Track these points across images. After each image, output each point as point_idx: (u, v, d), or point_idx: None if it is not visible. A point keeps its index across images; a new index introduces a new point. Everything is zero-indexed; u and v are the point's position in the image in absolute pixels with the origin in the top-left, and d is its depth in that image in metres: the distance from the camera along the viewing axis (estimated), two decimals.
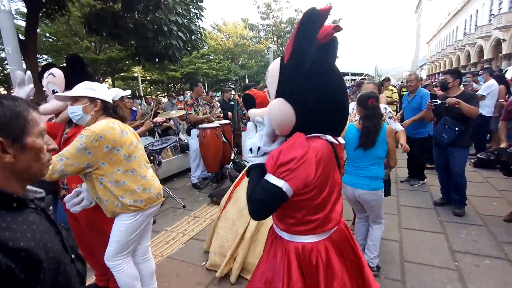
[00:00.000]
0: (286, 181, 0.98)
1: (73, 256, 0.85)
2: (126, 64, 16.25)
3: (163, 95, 22.63)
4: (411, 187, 4.36)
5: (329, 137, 1.08)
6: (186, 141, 5.30)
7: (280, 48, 17.47)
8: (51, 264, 0.71)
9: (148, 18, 5.45)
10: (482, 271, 2.37)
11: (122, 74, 18.22)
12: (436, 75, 36.98)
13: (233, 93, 8.48)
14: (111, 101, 1.80)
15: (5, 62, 12.82)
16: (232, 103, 6.42)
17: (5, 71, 13.15)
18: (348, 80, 29.29)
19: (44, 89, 2.06)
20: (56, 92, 1.95)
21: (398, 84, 12.63)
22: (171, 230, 3.45)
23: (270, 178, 1.00)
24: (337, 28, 1.06)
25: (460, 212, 3.34)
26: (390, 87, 6.91)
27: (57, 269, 0.73)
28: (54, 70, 1.99)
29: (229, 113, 6.09)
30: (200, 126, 4.45)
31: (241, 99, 7.14)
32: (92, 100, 1.70)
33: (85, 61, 8.76)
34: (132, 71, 18.23)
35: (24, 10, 5.78)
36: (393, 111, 4.52)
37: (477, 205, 3.60)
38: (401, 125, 4.11)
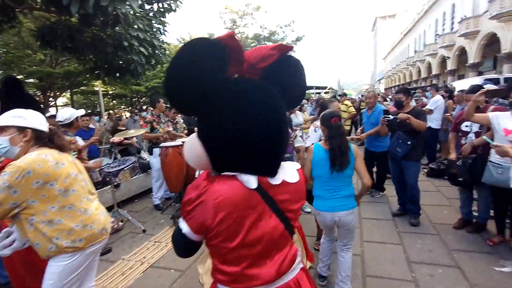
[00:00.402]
0: (186, 222, 0.92)
1: None
2: (86, 77, 15.48)
3: (127, 109, 21.78)
4: (372, 198, 4.52)
5: (247, 178, 0.89)
6: (148, 160, 5.08)
7: None
8: None
9: (107, 33, 5.24)
10: (436, 280, 2.48)
11: (81, 88, 17.31)
12: (392, 89, 39.67)
13: None
14: (46, 129, 1.62)
15: None
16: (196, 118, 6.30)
17: None
18: (314, 93, 30.55)
19: None
20: None
21: (359, 97, 13.35)
22: (129, 259, 3.22)
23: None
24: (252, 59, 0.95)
25: (416, 222, 3.51)
26: (346, 102, 7.39)
27: None
28: None
29: (195, 129, 5.96)
30: (162, 144, 4.30)
31: None
32: (21, 129, 1.52)
33: (39, 74, 8.16)
34: (92, 85, 17.38)
35: None
36: (348, 124, 4.76)
37: (430, 214, 3.82)
38: (359, 137, 4.31)
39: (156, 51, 6.72)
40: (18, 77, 13.27)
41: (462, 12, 21.39)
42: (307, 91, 29.91)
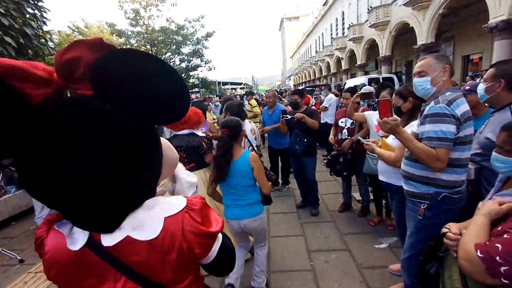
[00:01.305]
0: None
1: None
2: None
3: None
4: (279, 192, 4.78)
5: (71, 236, 0.73)
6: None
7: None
8: None
9: None
10: (330, 266, 2.75)
11: None
12: (301, 85, 43.30)
13: None
14: None
15: None
16: None
17: None
18: (229, 89, 30.81)
19: None
20: None
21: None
22: None
23: None
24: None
25: (315, 212, 3.85)
26: (252, 101, 7.53)
27: None
28: None
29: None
30: None
31: None
32: None
33: None
34: None
35: None
36: (254, 123, 4.90)
37: (328, 202, 4.25)
38: (262, 131, 4.43)
39: (34, 42, 5.61)
40: None
41: (349, 19, 24.69)
42: (223, 87, 29.93)
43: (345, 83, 12.55)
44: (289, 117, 3.78)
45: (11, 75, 0.61)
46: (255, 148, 3.35)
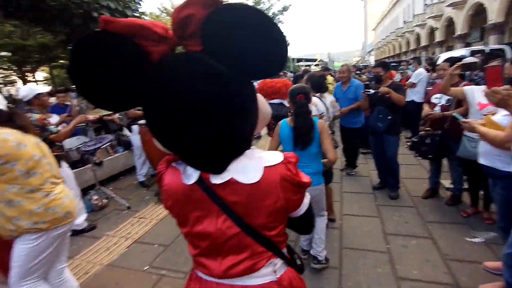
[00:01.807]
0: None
1: None
2: (64, 51, 14.66)
3: None
4: (354, 172, 4.58)
5: (186, 172, 0.84)
6: (129, 137, 4.95)
7: None
8: None
9: (75, 2, 4.85)
10: (409, 251, 2.58)
11: (61, 61, 16.42)
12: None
13: None
14: (4, 108, 1.56)
15: None
16: None
17: None
18: (303, 66, 29.97)
19: None
20: None
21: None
22: (113, 235, 3.24)
23: None
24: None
25: (394, 195, 3.60)
26: (328, 77, 7.01)
27: None
28: None
29: None
30: (140, 122, 4.17)
31: None
32: None
33: (10, 47, 7.69)
34: None
35: None
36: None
37: (409, 187, 3.92)
38: (340, 111, 4.12)
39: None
40: None
41: None
42: (297, 64, 29.21)
43: (438, 57, 10.88)
44: (372, 91, 3.50)
45: (138, 34, 0.71)
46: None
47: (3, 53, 11.90)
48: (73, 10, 4.83)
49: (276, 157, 0.83)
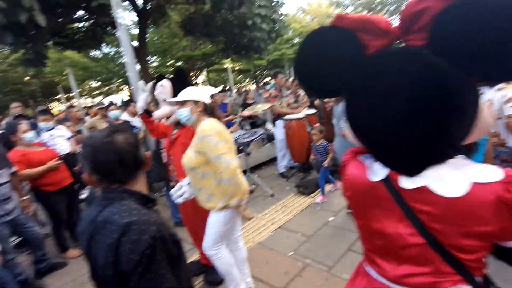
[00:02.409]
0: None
1: None
2: (218, 57, 17.51)
3: (252, 82, 23.68)
4: None
5: (372, 167, 0.83)
6: (272, 131, 5.43)
7: None
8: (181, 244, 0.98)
9: (234, 15, 5.70)
10: None
11: (215, 66, 19.73)
12: None
13: None
14: (208, 101, 1.97)
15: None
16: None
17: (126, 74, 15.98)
18: None
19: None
20: (165, 99, 2.27)
21: None
22: (261, 218, 3.64)
23: None
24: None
25: None
26: None
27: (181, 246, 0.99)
28: (164, 82, 2.33)
29: (316, 101, 5.90)
30: (285, 117, 4.48)
31: None
32: (196, 102, 1.91)
33: (184, 58, 9.82)
34: (222, 63, 19.53)
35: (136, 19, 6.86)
36: None
37: None
38: None
39: (276, 25, 6.83)
40: (170, 62, 16.34)
41: None
42: None
43: None
44: None
45: (360, 28, 0.75)
46: None
47: (179, 63, 15.36)
48: (233, 22, 5.71)
49: (491, 173, 0.69)
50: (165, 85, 2.32)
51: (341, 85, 0.80)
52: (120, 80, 16.88)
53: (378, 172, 0.81)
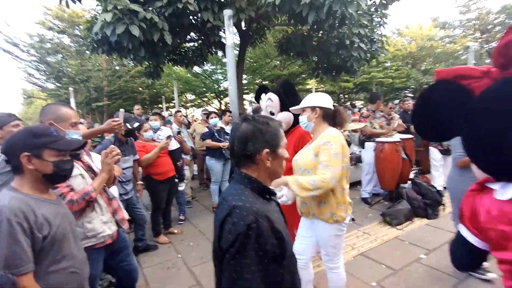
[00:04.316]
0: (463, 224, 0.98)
1: None
2: (303, 78, 17.81)
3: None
4: None
5: (500, 187, 0.84)
6: (358, 153, 5.20)
7: (485, 46, 13.68)
8: (288, 242, 1.00)
9: (332, 35, 5.77)
10: None
11: (299, 87, 20.14)
12: None
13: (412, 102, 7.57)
14: (331, 107, 1.93)
15: (221, 82, 17.19)
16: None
17: (219, 88, 17.58)
18: None
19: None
20: (273, 113, 2.36)
21: None
22: None
23: None
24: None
25: None
26: None
27: (288, 244, 1.01)
28: (272, 96, 2.37)
29: (411, 126, 5.45)
30: (378, 139, 4.25)
31: None
32: (313, 108, 1.92)
33: (272, 77, 10.40)
34: (306, 83, 19.74)
35: (237, 41, 7.58)
36: None
37: None
38: None
39: (373, 46, 6.62)
40: (258, 80, 17.43)
41: None
42: None
43: None
44: None
45: (459, 76, 0.89)
46: None
47: (266, 82, 16.23)
48: (330, 41, 5.79)
49: None
50: (273, 99, 2.36)
51: (456, 126, 0.89)
52: (212, 94, 18.69)
53: (507, 192, 0.81)
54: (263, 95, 2.50)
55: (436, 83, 0.95)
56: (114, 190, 2.28)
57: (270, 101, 2.37)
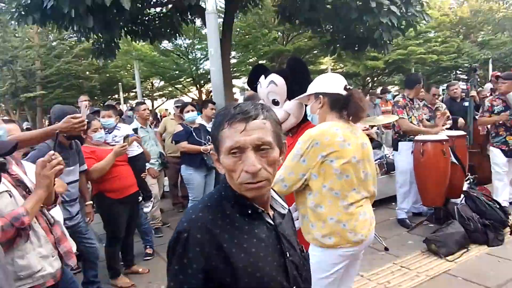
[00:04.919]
0: None
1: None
2: (314, 54, 17.88)
3: (360, 90, 23.41)
4: None
5: None
6: (391, 157, 5.26)
7: None
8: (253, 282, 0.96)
9: None
10: None
11: (310, 67, 20.25)
12: None
13: (464, 87, 7.64)
14: (340, 92, 1.93)
15: (200, 62, 17.19)
16: (465, 103, 5.82)
17: (198, 71, 17.57)
18: None
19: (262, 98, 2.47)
20: (277, 101, 2.32)
21: None
22: (369, 278, 3.53)
23: None
24: None
25: None
26: None
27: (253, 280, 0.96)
28: (276, 79, 2.30)
29: (460, 119, 5.53)
30: (417, 138, 4.30)
31: (478, 97, 6.29)
32: (316, 96, 1.96)
33: (271, 54, 10.49)
34: (320, 62, 19.81)
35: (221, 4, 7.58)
36: None
37: None
38: None
39: (410, 10, 6.66)
40: (253, 59, 17.40)
41: None
42: None
43: None
44: None
45: None
46: None
47: (263, 61, 16.29)
48: (350, 4, 5.82)
49: None
50: (278, 82, 2.28)
51: None
52: (189, 79, 18.69)
53: None
54: (261, 78, 2.45)
55: None
56: (57, 213, 2.27)
57: (273, 85, 2.31)
